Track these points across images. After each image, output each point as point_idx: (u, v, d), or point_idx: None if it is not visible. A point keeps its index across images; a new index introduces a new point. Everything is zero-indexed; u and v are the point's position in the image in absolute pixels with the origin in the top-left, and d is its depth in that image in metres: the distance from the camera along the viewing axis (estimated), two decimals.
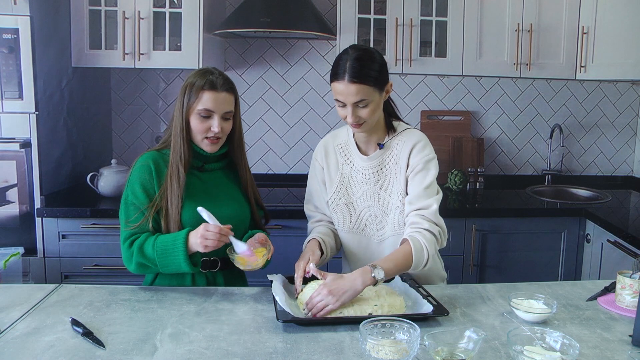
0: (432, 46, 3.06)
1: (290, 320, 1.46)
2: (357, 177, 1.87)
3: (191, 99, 1.71)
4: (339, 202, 1.88)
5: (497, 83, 3.50)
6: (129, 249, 1.69)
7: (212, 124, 1.72)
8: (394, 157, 1.82)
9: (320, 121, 3.46)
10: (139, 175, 1.73)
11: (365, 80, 1.65)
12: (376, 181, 1.84)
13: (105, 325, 1.46)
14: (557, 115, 3.54)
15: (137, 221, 1.70)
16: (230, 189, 1.86)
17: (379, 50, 2.98)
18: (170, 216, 1.70)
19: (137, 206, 1.71)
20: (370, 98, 1.67)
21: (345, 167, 1.89)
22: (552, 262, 2.96)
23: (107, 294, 1.67)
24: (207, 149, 1.77)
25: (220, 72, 1.77)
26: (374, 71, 1.67)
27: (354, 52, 1.67)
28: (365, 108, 1.68)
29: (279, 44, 3.39)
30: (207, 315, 1.53)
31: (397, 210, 1.81)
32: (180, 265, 1.65)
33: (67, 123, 2.89)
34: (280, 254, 1.90)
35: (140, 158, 1.78)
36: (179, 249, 1.64)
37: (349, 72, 1.64)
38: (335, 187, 1.89)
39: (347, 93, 1.66)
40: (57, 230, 2.69)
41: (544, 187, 3.48)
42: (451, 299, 1.68)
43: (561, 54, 3.10)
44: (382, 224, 1.85)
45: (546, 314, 1.51)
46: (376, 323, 1.34)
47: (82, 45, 2.90)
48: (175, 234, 1.67)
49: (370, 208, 1.86)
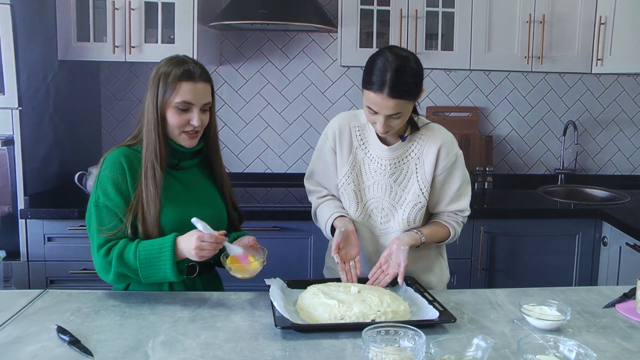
0: (438, 39, 3.06)
1: (289, 327, 1.46)
2: (371, 165, 1.88)
3: (167, 90, 1.64)
4: (347, 187, 1.90)
5: (507, 77, 3.49)
6: (105, 257, 1.62)
7: (191, 117, 1.67)
8: (415, 152, 1.85)
9: (321, 118, 3.46)
10: (111, 174, 1.65)
11: (404, 95, 1.66)
12: (391, 173, 1.86)
13: (94, 333, 1.45)
14: (571, 111, 3.54)
15: (114, 227, 1.63)
16: (207, 188, 1.83)
17: (383, 41, 3.03)
18: (147, 220, 1.64)
19: (111, 209, 1.64)
20: (404, 110, 1.70)
21: (359, 151, 1.89)
22: (566, 266, 2.96)
23: (96, 300, 1.67)
24: (186, 144, 1.71)
25: (194, 60, 1.73)
26: (412, 84, 1.68)
27: (394, 61, 1.66)
28: (398, 119, 1.71)
29: (278, 36, 3.39)
30: (202, 322, 1.53)
31: (409, 206, 1.85)
32: (165, 275, 1.61)
33: (54, 119, 2.89)
34: (278, 257, 1.91)
35: (110, 155, 1.69)
36: (165, 258, 1.59)
37: (388, 85, 1.64)
38: (345, 171, 1.90)
39: (382, 106, 1.67)
40: (42, 232, 2.69)
41: (556, 187, 3.48)
42: (458, 304, 1.68)
43: (576, 46, 3.10)
44: (388, 217, 1.88)
45: (560, 321, 1.51)
46: (379, 330, 1.34)
47: (69, 37, 2.90)
48: (160, 240, 1.62)
49: (379, 200, 1.88)
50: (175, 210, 1.69)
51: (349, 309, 1.52)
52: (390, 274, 1.76)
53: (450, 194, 1.89)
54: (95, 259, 1.66)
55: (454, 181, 1.88)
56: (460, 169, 1.88)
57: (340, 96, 3.44)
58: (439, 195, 1.89)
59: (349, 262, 1.80)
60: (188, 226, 1.62)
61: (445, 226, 1.90)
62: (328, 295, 1.59)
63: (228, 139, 3.44)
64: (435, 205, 1.92)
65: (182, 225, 1.64)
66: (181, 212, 1.69)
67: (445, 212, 1.92)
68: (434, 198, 1.89)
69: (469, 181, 1.93)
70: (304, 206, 2.86)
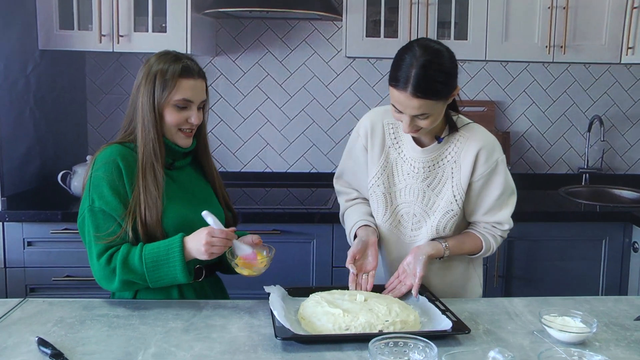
0: (451, 27, 3.07)
1: (290, 338, 1.46)
2: (403, 167, 1.87)
3: (166, 88, 1.68)
4: (377, 189, 1.89)
5: (526, 69, 3.49)
6: (107, 265, 1.64)
7: (189, 115, 1.73)
8: (452, 155, 1.83)
9: (325, 113, 3.46)
10: (106, 174, 1.66)
11: (430, 95, 1.63)
12: (425, 177, 1.84)
13: (79, 345, 1.46)
14: (597, 105, 3.54)
15: (113, 233, 1.65)
16: (202, 187, 1.88)
17: (391, 30, 3.04)
18: (149, 223, 1.67)
19: (108, 213, 1.65)
20: (432, 111, 1.67)
21: (392, 151, 1.88)
22: (591, 273, 2.96)
23: (81, 309, 1.68)
24: (182, 143, 1.76)
25: (187, 55, 1.78)
26: (441, 83, 1.64)
27: (422, 56, 1.62)
28: (425, 120, 1.68)
29: (278, 25, 3.40)
30: (196, 332, 1.54)
31: (439, 214, 1.83)
32: (176, 277, 1.64)
33: (34, 114, 2.90)
34: (279, 263, 1.91)
35: (103, 153, 1.71)
36: (175, 258, 1.62)
37: (412, 83, 1.61)
38: (375, 171, 1.89)
39: (407, 105, 1.65)
40: (22, 236, 2.69)
41: (580, 187, 3.47)
42: (473, 314, 1.68)
43: (603, 33, 3.09)
44: (420, 224, 1.88)
45: (584, 334, 1.50)
46: (387, 341, 1.34)
47: (50, 24, 2.91)
48: (167, 241, 1.65)
49: (410, 205, 1.87)
50: (177, 210, 1.72)
51: (355, 318, 1.52)
52: (407, 285, 1.77)
53: (487, 204, 1.85)
54: (95, 268, 1.67)
55: (492, 190, 1.84)
56: (501, 177, 1.83)
57: (345, 89, 3.45)
58: (475, 203, 1.86)
59: (362, 275, 1.80)
60: (192, 226, 1.67)
61: (477, 237, 1.88)
62: (332, 304, 1.59)
63: (224, 135, 3.45)
64: (471, 214, 1.89)
65: (186, 225, 1.68)
66: (183, 212, 1.73)
67: (481, 223, 1.90)
68: (470, 206, 1.86)
69: (513, 191, 1.89)
70: (305, 208, 2.87)
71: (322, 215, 2.77)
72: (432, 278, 1.89)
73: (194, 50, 2.91)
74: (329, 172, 3.46)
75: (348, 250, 1.84)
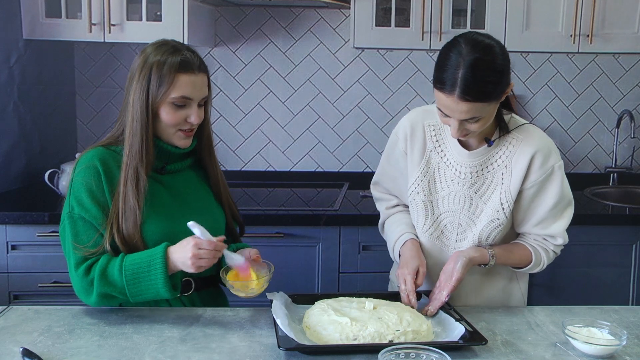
0: (467, 15, 3.06)
1: (294, 348, 1.46)
2: (447, 173, 1.84)
3: (162, 84, 1.63)
4: (417, 197, 1.87)
5: (548, 60, 3.49)
6: (85, 276, 1.62)
7: (189, 114, 1.68)
8: (503, 159, 1.79)
9: (331, 107, 3.47)
10: (85, 180, 1.65)
11: (480, 97, 1.59)
12: (472, 183, 1.81)
13: (67, 356, 1.46)
14: (627, 99, 3.53)
15: (95, 244, 1.63)
16: (199, 193, 1.84)
17: (403, 18, 3.03)
18: (126, 236, 1.63)
19: (88, 221, 1.64)
20: (483, 113, 1.63)
21: (434, 155, 1.86)
22: (620, 281, 2.95)
23: (70, 317, 1.68)
24: (180, 144, 1.72)
25: (187, 46, 1.72)
26: (492, 84, 1.59)
27: (469, 54, 1.57)
28: (476, 123, 1.65)
29: (281, 13, 3.41)
30: (193, 342, 1.54)
31: (483, 222, 1.81)
32: (157, 292, 1.61)
33: (19, 109, 2.91)
34: (282, 268, 1.91)
35: (83, 157, 1.68)
36: (157, 271, 1.59)
37: (460, 85, 1.56)
38: (415, 177, 1.87)
39: (454, 110, 1.61)
40: (5, 239, 2.70)
41: (608, 188, 3.47)
42: (490, 324, 1.68)
43: (636, 20, 3.07)
44: (465, 234, 1.85)
45: (613, 347, 1.49)
46: (398, 352, 1.34)
47: (35, 12, 2.91)
48: (149, 252, 1.62)
49: (455, 214, 1.85)
50: (161, 221, 1.69)
51: (363, 328, 1.53)
52: (447, 292, 1.73)
53: (540, 214, 1.81)
54: (74, 279, 1.66)
55: (546, 199, 1.79)
56: (557, 184, 1.78)
57: (353, 82, 3.45)
58: (526, 213, 1.82)
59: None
60: (175, 240, 1.63)
61: (527, 249, 1.84)
62: (339, 312, 1.59)
63: (224, 132, 3.46)
64: (521, 224, 1.86)
65: (169, 238, 1.64)
66: (167, 223, 1.70)
67: (531, 234, 1.86)
68: (520, 215, 1.83)
69: (570, 202, 1.84)
70: (310, 209, 2.87)
71: (329, 218, 2.77)
72: (469, 292, 1.87)
73: (191, 41, 2.92)
74: (335, 171, 3.46)
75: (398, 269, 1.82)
